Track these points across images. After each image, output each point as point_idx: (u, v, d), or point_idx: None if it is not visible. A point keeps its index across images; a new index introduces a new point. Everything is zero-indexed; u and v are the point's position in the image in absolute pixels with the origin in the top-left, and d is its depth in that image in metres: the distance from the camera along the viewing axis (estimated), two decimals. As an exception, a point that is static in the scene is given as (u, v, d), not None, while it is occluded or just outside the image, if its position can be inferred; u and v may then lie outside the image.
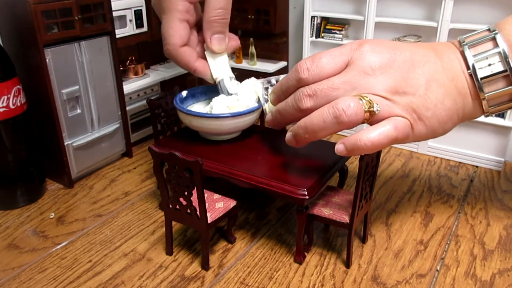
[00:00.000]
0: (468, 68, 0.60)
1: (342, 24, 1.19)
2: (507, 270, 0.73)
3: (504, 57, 0.58)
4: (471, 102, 0.62)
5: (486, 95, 0.60)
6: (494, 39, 0.59)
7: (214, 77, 0.81)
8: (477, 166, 1.07)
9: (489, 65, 0.59)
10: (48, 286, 0.70)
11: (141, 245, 0.79)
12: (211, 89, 0.88)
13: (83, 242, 0.80)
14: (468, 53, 0.60)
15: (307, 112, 0.63)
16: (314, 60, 0.63)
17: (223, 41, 0.77)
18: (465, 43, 0.61)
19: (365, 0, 1.09)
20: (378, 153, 0.72)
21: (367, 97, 0.59)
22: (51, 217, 0.88)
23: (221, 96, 0.82)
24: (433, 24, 1.03)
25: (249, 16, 1.29)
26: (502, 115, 1.02)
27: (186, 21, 0.77)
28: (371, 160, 0.69)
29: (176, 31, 0.76)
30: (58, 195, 0.96)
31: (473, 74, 0.60)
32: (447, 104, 0.61)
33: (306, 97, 0.63)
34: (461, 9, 1.01)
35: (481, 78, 0.59)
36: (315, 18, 1.19)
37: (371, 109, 0.59)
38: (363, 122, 0.60)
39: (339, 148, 0.61)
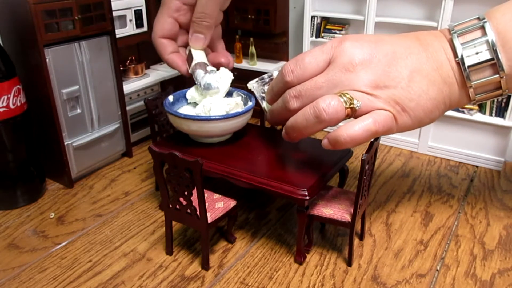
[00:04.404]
0: (455, 56, 0.60)
1: (342, 24, 1.19)
2: (507, 270, 0.73)
3: (491, 46, 0.58)
4: (458, 90, 0.62)
5: (472, 83, 0.60)
6: (483, 27, 0.59)
7: (190, 71, 0.84)
8: (477, 166, 1.07)
9: (477, 53, 0.59)
10: (48, 286, 0.70)
11: (141, 245, 0.79)
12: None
13: (83, 242, 0.80)
14: (457, 42, 0.60)
15: (295, 112, 0.65)
16: (298, 61, 0.65)
17: (200, 40, 0.85)
18: (454, 31, 0.61)
19: (365, 0, 1.09)
20: (376, 151, 0.73)
21: (348, 94, 0.60)
22: (51, 217, 0.88)
23: (210, 98, 0.83)
24: (433, 24, 1.03)
25: (249, 16, 1.29)
26: (502, 115, 1.02)
27: (175, 19, 0.85)
28: (371, 157, 0.69)
29: (162, 23, 0.85)
30: (58, 195, 0.96)
31: (460, 63, 0.60)
32: (431, 94, 0.61)
33: (292, 99, 0.65)
34: (461, 9, 1.01)
35: (468, 66, 0.59)
36: (315, 18, 1.19)
37: (352, 105, 0.60)
38: (346, 118, 0.61)
39: (324, 142, 0.64)
